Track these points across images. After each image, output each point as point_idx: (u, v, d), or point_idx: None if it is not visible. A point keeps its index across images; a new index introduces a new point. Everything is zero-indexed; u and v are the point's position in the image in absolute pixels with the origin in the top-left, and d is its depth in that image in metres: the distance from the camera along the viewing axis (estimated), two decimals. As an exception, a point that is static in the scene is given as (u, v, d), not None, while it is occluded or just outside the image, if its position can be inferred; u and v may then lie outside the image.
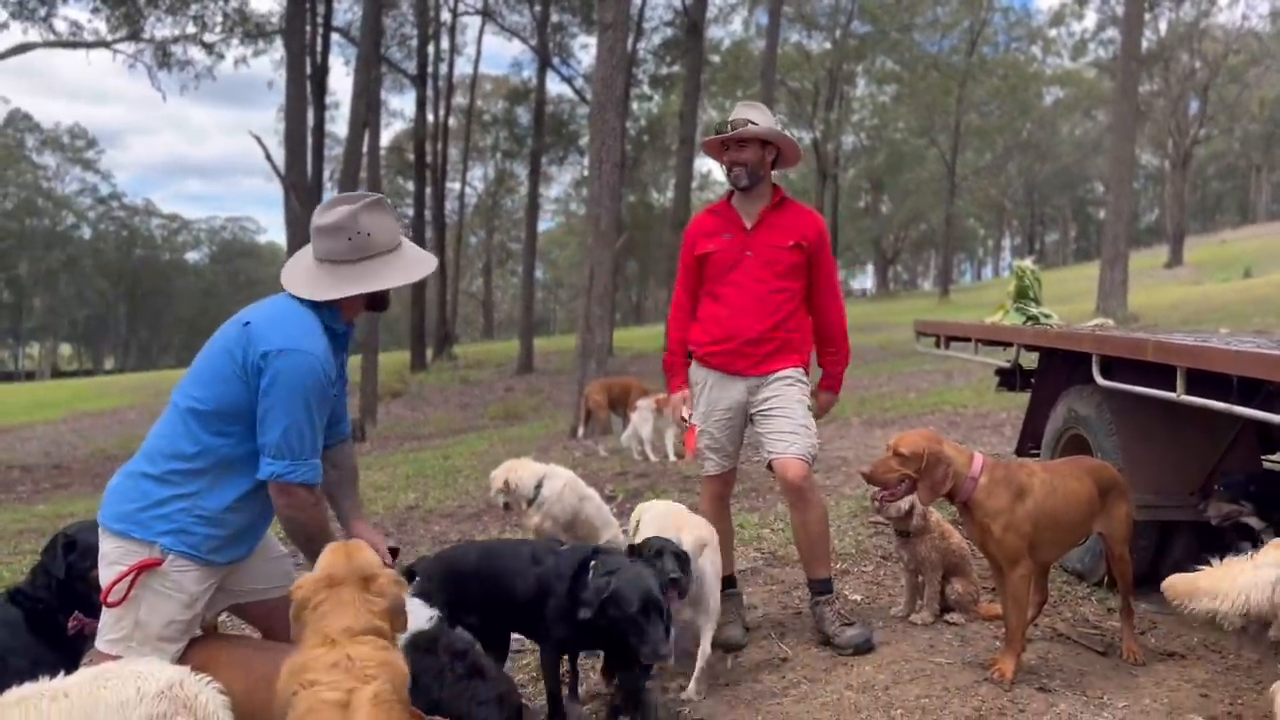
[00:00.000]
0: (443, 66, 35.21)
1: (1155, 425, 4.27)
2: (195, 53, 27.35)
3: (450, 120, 36.97)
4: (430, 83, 33.33)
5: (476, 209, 53.37)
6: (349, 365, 3.13)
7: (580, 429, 11.69)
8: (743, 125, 4.00)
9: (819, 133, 43.77)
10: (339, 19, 28.74)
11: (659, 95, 37.23)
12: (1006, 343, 5.58)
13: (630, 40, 25.75)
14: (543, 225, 50.43)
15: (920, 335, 6.50)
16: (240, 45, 28.09)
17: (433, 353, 33.66)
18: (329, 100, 28.98)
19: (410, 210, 33.95)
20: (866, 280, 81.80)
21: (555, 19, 32.42)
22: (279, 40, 25.17)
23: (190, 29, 26.61)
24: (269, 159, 20.05)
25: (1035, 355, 5.52)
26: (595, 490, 5.86)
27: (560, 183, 53.23)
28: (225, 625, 3.94)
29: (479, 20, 35.72)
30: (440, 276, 35.36)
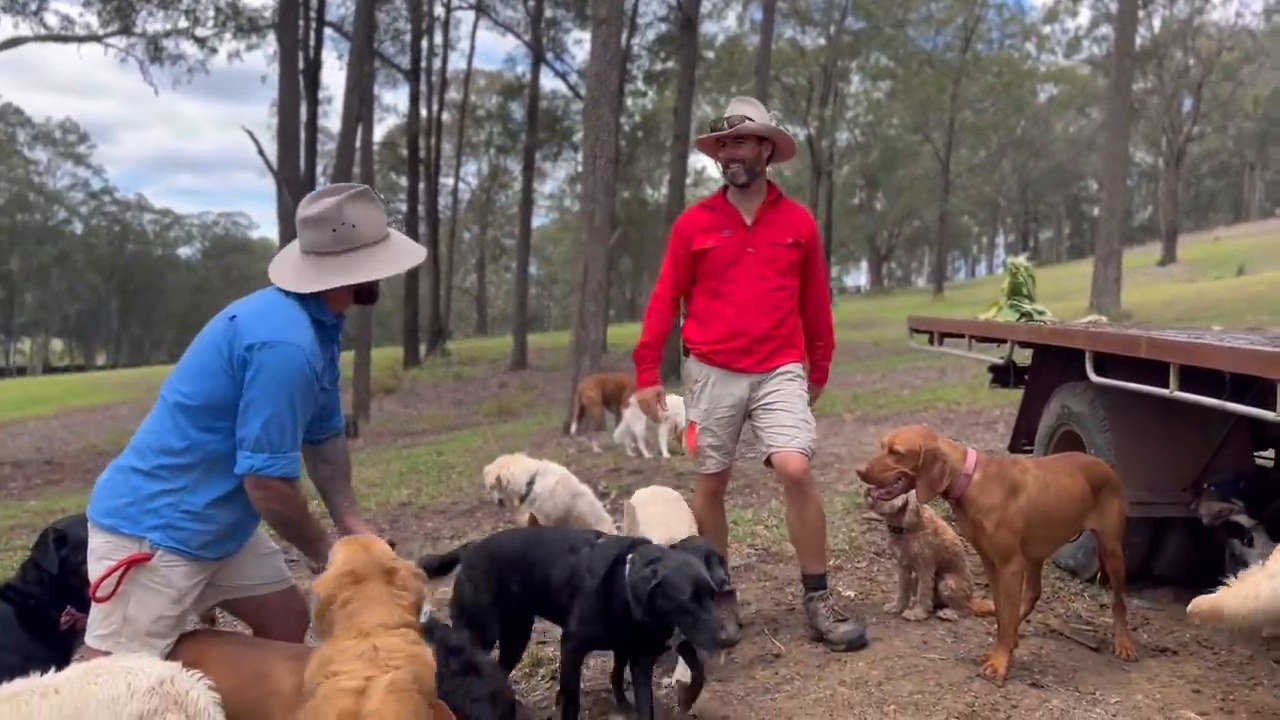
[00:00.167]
0: (436, 61, 35.18)
1: (1148, 422, 4.28)
2: (187, 47, 27.29)
3: (444, 115, 36.95)
4: (424, 78, 33.27)
5: (470, 205, 53.29)
6: (341, 361, 3.11)
7: (574, 425, 11.67)
8: (739, 122, 3.99)
9: (813, 129, 43.76)
10: (332, 13, 28.71)
11: (653, 91, 37.27)
12: (1000, 339, 5.58)
13: (624, 36, 25.67)
14: (537, 221, 50.29)
15: (914, 332, 6.49)
16: (233, 39, 28.05)
17: (426, 349, 33.63)
18: (322, 95, 29.07)
19: (404, 206, 33.95)
20: (860, 277, 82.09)
21: (549, 14, 32.41)
22: (272, 35, 25.11)
23: (182, 23, 26.57)
24: (261, 154, 20.01)
25: (1029, 352, 5.53)
26: (589, 487, 5.85)
27: (554, 178, 53.17)
28: (222, 622, 3.94)
29: (473, 15, 35.63)
30: (434, 272, 35.35)
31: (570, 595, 3.18)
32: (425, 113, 33.66)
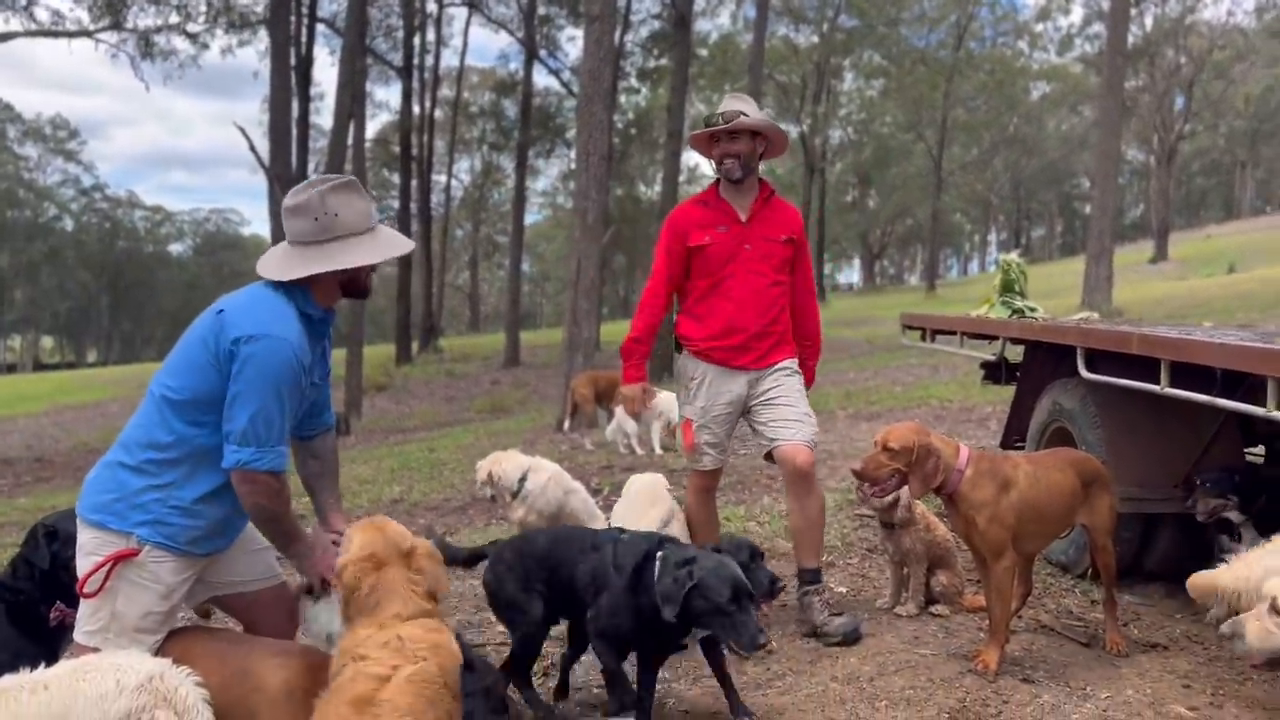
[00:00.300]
0: (429, 58, 35.14)
1: (1139, 418, 4.29)
2: (178, 42, 27.20)
3: (436, 112, 36.86)
4: (416, 74, 33.20)
5: (463, 202, 53.19)
6: (333, 358, 3.10)
7: (566, 422, 11.67)
8: (734, 117, 3.98)
9: (806, 127, 43.79)
10: (324, 10, 28.60)
11: (646, 88, 37.21)
12: (992, 336, 5.59)
13: (618, 33, 25.67)
14: (529, 218, 50.33)
15: (906, 328, 6.51)
16: (224, 35, 27.98)
17: (418, 346, 33.60)
18: (314, 92, 28.92)
19: (396, 203, 33.86)
20: (853, 274, 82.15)
21: (542, 11, 32.32)
22: (263, 30, 25.01)
23: (173, 19, 26.46)
24: (253, 150, 19.94)
25: (1020, 349, 5.54)
26: (581, 483, 5.85)
27: (547, 176, 53.12)
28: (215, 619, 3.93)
29: (465, 12, 35.62)
30: (426, 269, 35.32)
31: (595, 592, 3.11)
32: (418, 109, 33.62)
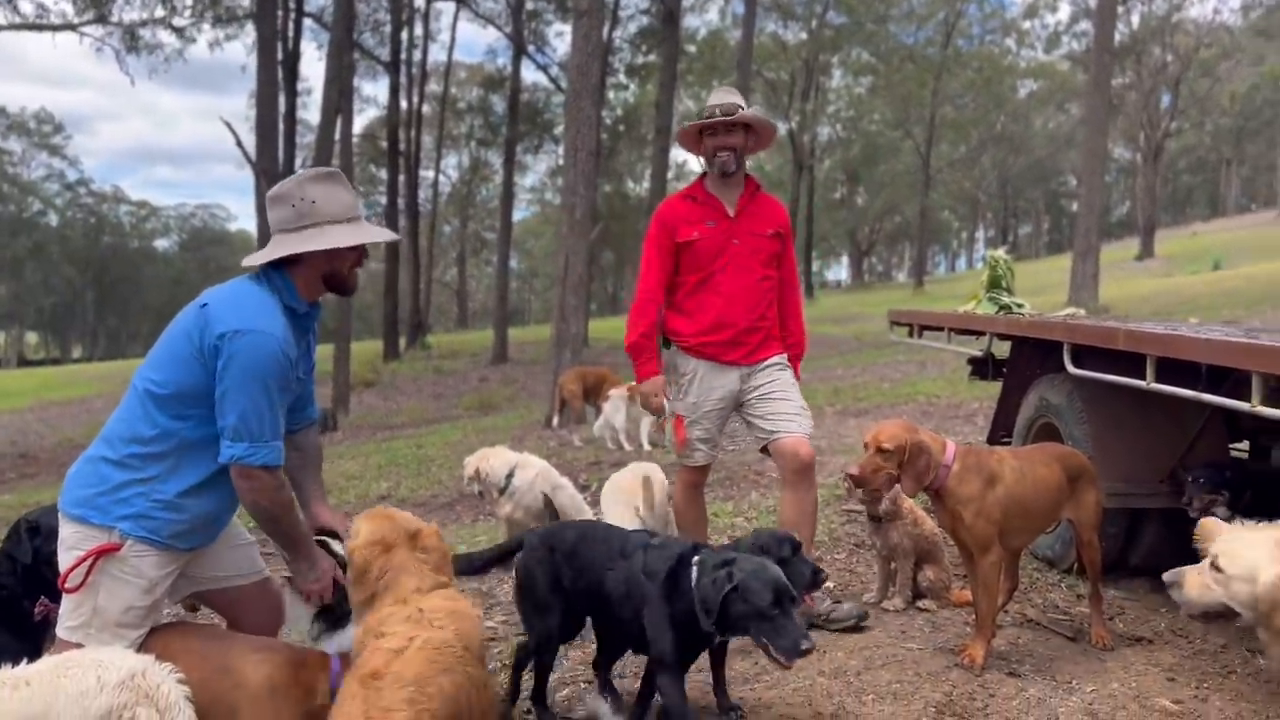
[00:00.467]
0: (416, 53, 34.97)
1: (1125, 413, 4.30)
2: (164, 36, 27.02)
3: (424, 108, 36.73)
4: (404, 69, 33.05)
5: (450, 198, 53.03)
6: (320, 354, 3.09)
7: (554, 419, 11.64)
8: (733, 110, 3.98)
9: (795, 124, 43.83)
10: (311, 4, 28.47)
11: (635, 85, 37.17)
12: (979, 332, 5.60)
13: (606, 28, 25.63)
14: (518, 214, 50.22)
15: (894, 325, 6.52)
16: (211, 29, 27.80)
17: (406, 342, 33.49)
18: (301, 86, 28.83)
19: (383, 199, 33.69)
20: (841, 272, 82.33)
21: (530, 6, 32.24)
22: (250, 25, 24.88)
23: (159, 12, 26.27)
24: (240, 145, 19.86)
25: (1007, 345, 5.55)
26: (569, 480, 5.84)
27: (535, 172, 53.03)
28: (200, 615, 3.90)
29: (453, 7, 35.51)
30: (414, 266, 35.20)
31: (629, 603, 2.95)
32: (405, 105, 33.47)
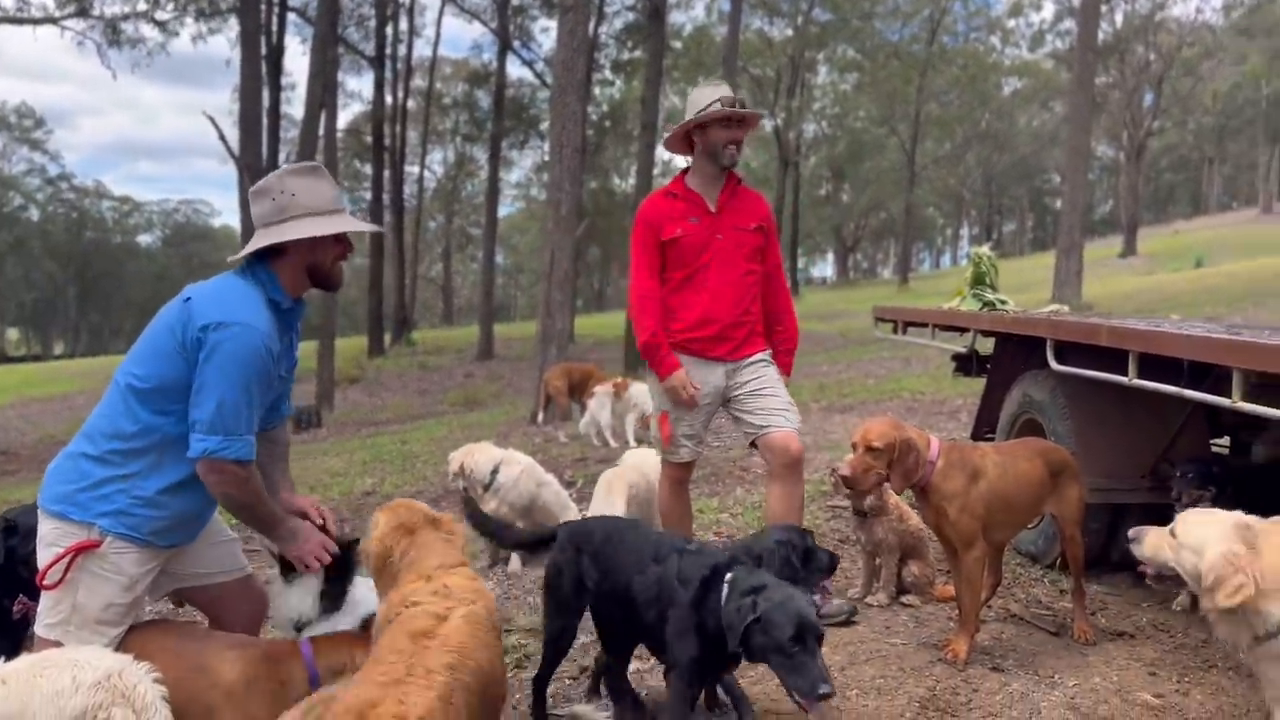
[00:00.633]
0: (401, 48, 34.81)
1: (1108, 409, 4.32)
2: (146, 30, 26.85)
3: (409, 103, 36.58)
4: (389, 64, 32.89)
5: (436, 193, 52.85)
6: (304, 350, 3.08)
7: (540, 415, 11.63)
8: (743, 103, 3.99)
9: (780, 120, 43.82)
10: (295, -2, 28.28)
11: (621, 81, 37.11)
12: (963, 328, 5.61)
13: (591, 24, 25.53)
14: (503, 210, 49.97)
15: (879, 321, 6.52)
16: (194, 23, 27.64)
17: (391, 338, 33.36)
18: (285, 81, 28.66)
19: (368, 194, 33.59)
20: (827, 268, 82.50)
21: (516, 1, 32.14)
22: (234, 19, 24.72)
23: (141, 5, 26.12)
24: (223, 140, 19.73)
25: (991, 341, 5.57)
26: (554, 476, 5.83)
27: (521, 167, 52.82)
28: (182, 613, 3.87)
29: (438, 1, 35.44)
30: (398, 261, 35.07)
31: (658, 611, 2.85)
32: (390, 100, 33.31)
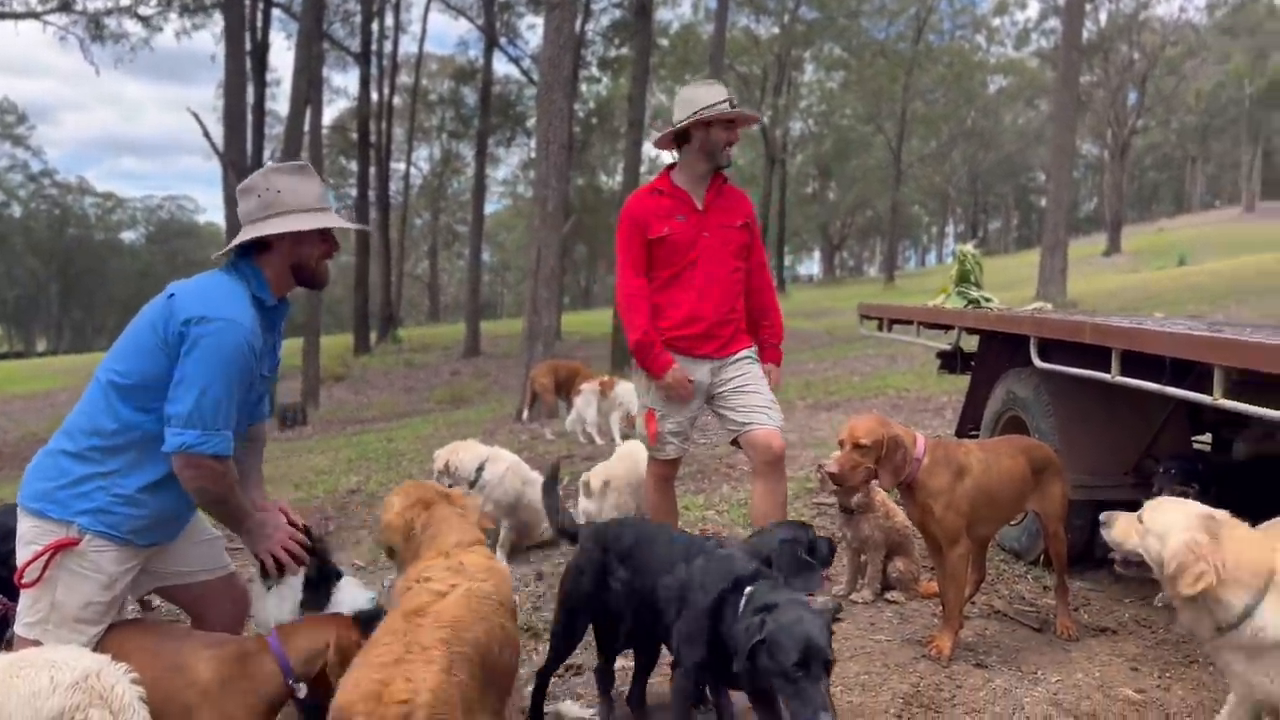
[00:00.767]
0: (387, 44, 34.69)
1: (1091, 407, 4.34)
2: (130, 25, 26.64)
3: (395, 99, 36.46)
4: (374, 61, 32.78)
5: (422, 190, 52.71)
6: (289, 348, 3.07)
7: (525, 412, 11.60)
8: (737, 104, 4.01)
9: (767, 118, 43.88)
10: (280, -7, 28.10)
11: (607, 78, 37.07)
12: (947, 326, 5.63)
13: (578, 21, 25.54)
14: (490, 207, 49.91)
15: (864, 319, 6.54)
16: (178, 18, 27.43)
17: (376, 336, 33.27)
18: (270, 77, 28.49)
19: (354, 190, 33.50)
20: (813, 266, 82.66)
21: (502, -2, 32.07)
22: (218, 14, 24.56)
23: (124, 1, 25.87)
24: (207, 136, 19.60)
25: (975, 338, 5.58)
26: (539, 474, 5.81)
27: (508, 164, 52.72)
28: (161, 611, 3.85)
29: (425, -2, 35.20)
30: (384, 258, 34.97)
31: (676, 614, 2.82)
32: (376, 96, 33.21)
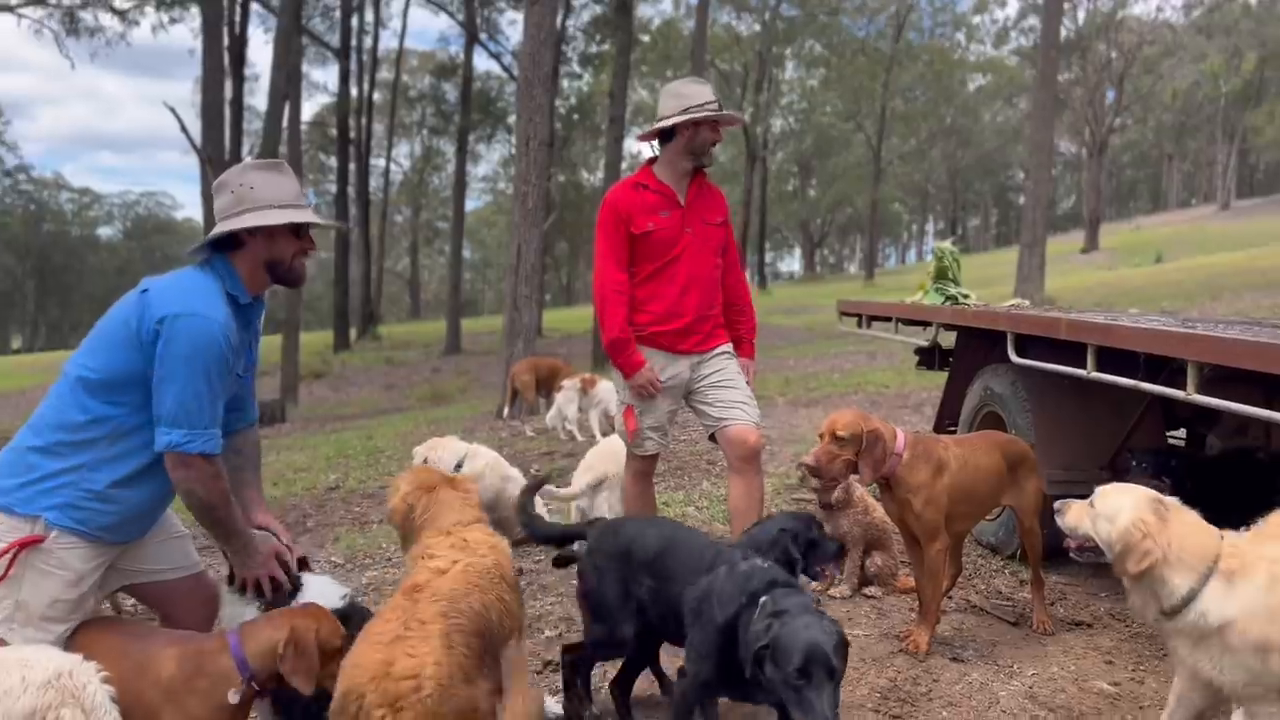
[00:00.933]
0: (367, 40, 34.55)
1: (1067, 402, 4.37)
2: (106, 19, 26.37)
3: (375, 95, 36.28)
4: (354, 56, 32.60)
5: (402, 186, 52.49)
6: (268, 345, 3.04)
7: (506, 409, 11.58)
8: (720, 104, 4.01)
9: (748, 115, 43.93)
10: (259, -13, 27.88)
11: (588, 74, 36.99)
12: (926, 322, 5.65)
13: (559, 17, 25.44)
14: (470, 204, 49.85)
15: (843, 315, 6.56)
16: (155, 12, 27.16)
17: (357, 333, 33.15)
18: (249, 72, 28.28)
19: (333, 186, 33.26)
20: (794, 263, 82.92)
21: (482, -7, 31.95)
22: (196, 8, 24.33)
23: (100, -6, 25.61)
24: (185, 132, 19.45)
25: (953, 335, 5.61)
26: (520, 471, 5.80)
27: (489, 161, 52.74)
28: (133, 612, 3.81)
29: (405, -7, 35.04)
30: (364, 255, 34.84)
31: (690, 622, 2.75)
32: (356, 92, 33.05)
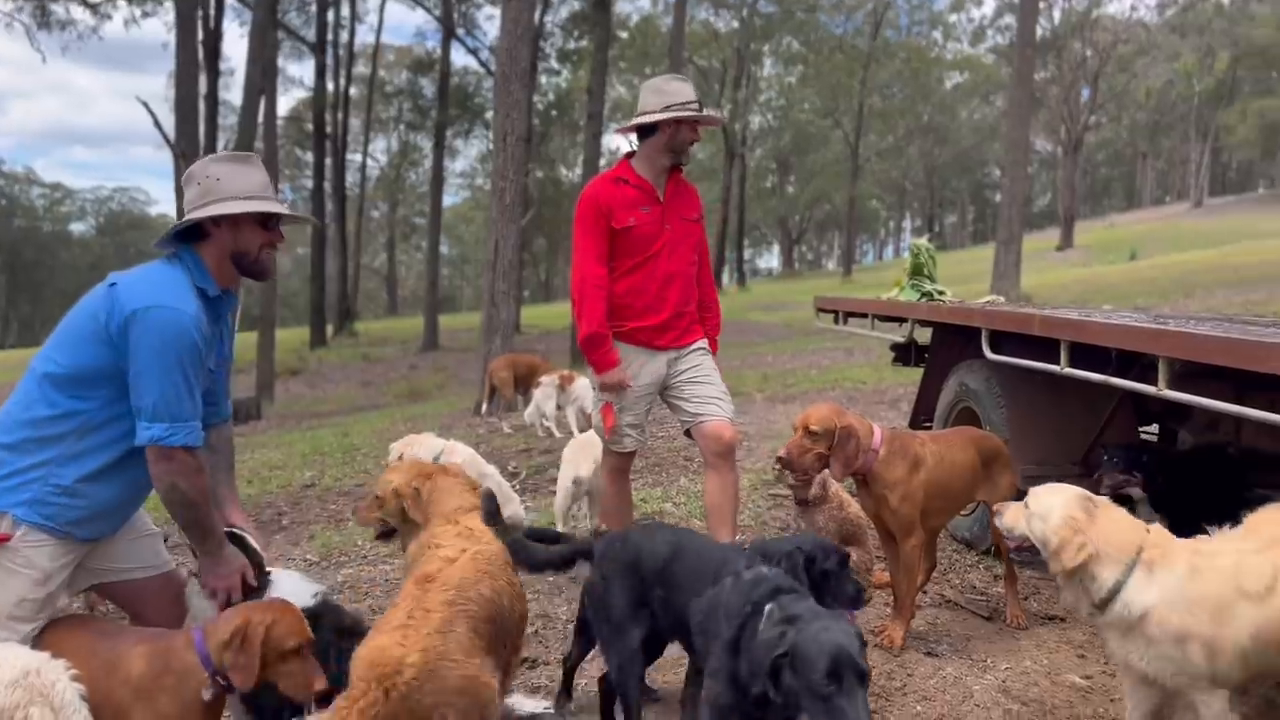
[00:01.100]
0: (343, 34, 34.31)
1: (1041, 398, 4.41)
2: (78, 12, 26.04)
3: (351, 90, 36.05)
4: (330, 50, 32.39)
5: (379, 182, 52.18)
6: (243, 341, 3.02)
7: (484, 405, 11.55)
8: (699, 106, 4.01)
9: (726, 112, 43.97)
10: (233, -19, 27.61)
11: (566, 70, 36.91)
12: (901, 318, 5.68)
13: (537, 12, 25.37)
14: (448, 200, 49.72)
15: (820, 311, 6.58)
16: (128, 5, 26.84)
17: (333, 329, 32.94)
18: (224, 66, 27.92)
19: (309, 182, 33.08)
20: (773, 260, 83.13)
21: (460, -12, 31.79)
22: (170, 1, 24.09)
23: (71, -14, 25.28)
24: (158, 126, 19.29)
25: (929, 331, 5.64)
26: (496, 467, 5.79)
27: (466, 156, 52.51)
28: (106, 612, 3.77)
29: (382, -13, 34.84)
30: (341, 251, 34.64)
31: (699, 640, 2.58)
32: (332, 87, 32.83)
